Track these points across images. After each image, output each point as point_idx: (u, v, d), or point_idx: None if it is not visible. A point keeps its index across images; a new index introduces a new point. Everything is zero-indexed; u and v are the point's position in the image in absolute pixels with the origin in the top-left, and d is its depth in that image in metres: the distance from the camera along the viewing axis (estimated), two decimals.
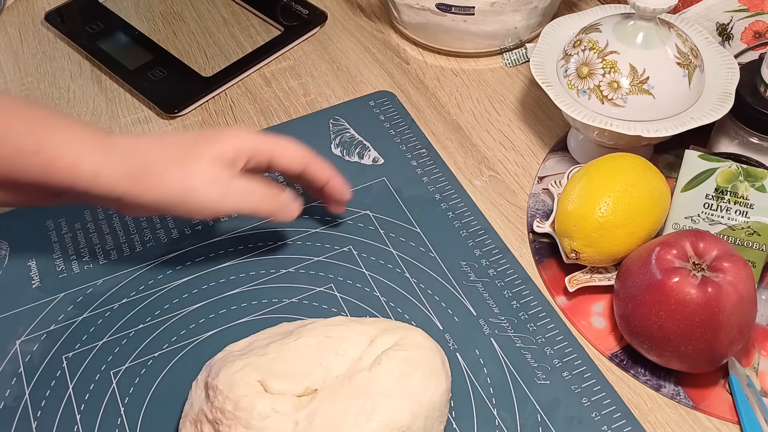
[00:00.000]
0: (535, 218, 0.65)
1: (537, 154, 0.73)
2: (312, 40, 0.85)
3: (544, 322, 0.60)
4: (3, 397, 0.56)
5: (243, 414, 0.48)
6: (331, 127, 0.75)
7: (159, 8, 0.88)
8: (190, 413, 0.52)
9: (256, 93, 0.79)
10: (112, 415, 0.55)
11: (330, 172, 0.61)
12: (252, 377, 0.50)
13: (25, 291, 0.62)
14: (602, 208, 0.58)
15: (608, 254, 0.59)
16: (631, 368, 0.58)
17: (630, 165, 0.60)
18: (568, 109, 0.64)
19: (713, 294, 0.52)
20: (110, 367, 0.58)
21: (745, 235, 0.59)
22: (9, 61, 0.83)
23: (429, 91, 0.79)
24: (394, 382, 0.50)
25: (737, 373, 0.56)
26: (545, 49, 0.69)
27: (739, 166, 0.60)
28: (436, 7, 0.77)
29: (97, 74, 0.81)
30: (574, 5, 0.87)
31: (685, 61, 0.63)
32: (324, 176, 0.61)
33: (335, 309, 0.61)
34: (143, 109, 0.77)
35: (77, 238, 0.66)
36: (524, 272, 0.63)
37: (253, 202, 0.57)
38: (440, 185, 0.70)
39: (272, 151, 0.58)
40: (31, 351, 0.59)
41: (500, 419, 0.55)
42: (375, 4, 0.89)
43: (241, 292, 0.62)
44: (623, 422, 0.55)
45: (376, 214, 0.67)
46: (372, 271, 0.63)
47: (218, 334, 0.59)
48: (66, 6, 0.87)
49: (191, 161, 0.55)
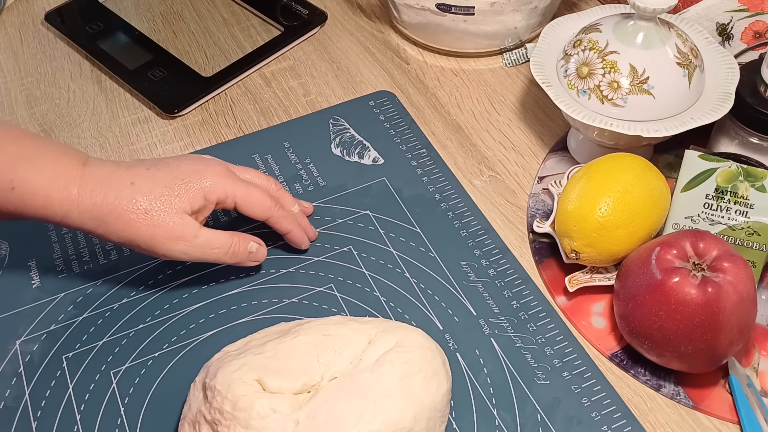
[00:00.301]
0: (535, 218, 0.65)
1: (537, 154, 0.73)
2: (312, 40, 0.85)
3: (544, 322, 0.60)
4: (3, 397, 0.56)
5: (242, 414, 0.48)
6: (331, 127, 0.75)
7: (159, 8, 0.88)
8: (189, 415, 0.52)
9: (256, 93, 0.79)
10: (112, 415, 0.55)
11: (290, 225, 0.63)
12: (250, 376, 0.50)
13: (25, 291, 0.62)
14: (602, 208, 0.58)
15: (608, 254, 0.59)
16: (631, 368, 0.58)
17: (630, 165, 0.60)
18: (568, 109, 0.64)
19: (713, 294, 0.52)
20: (110, 367, 0.58)
21: (745, 235, 0.59)
22: (9, 61, 0.83)
23: (429, 91, 0.79)
24: (397, 383, 0.50)
25: (737, 373, 0.56)
26: (545, 49, 0.69)
27: (739, 166, 0.60)
28: (436, 7, 0.77)
29: (97, 74, 0.81)
30: (574, 5, 0.87)
31: (685, 61, 0.63)
32: (283, 229, 0.62)
33: (335, 309, 0.61)
34: (143, 109, 0.77)
35: (77, 238, 0.66)
36: (524, 272, 0.63)
37: (216, 256, 0.59)
38: (440, 185, 0.70)
39: (237, 201, 0.60)
40: (31, 351, 0.59)
41: (500, 419, 0.55)
42: (375, 4, 0.89)
43: (241, 292, 0.62)
44: (623, 422, 0.55)
45: (376, 214, 0.67)
46: (372, 271, 0.63)
47: (218, 334, 0.59)
48: (66, 6, 0.87)
49: (158, 215, 0.56)
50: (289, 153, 0.73)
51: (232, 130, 0.76)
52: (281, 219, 0.62)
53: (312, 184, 0.70)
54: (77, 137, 0.75)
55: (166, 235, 0.56)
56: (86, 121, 0.76)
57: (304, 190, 0.69)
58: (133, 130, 0.76)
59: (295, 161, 0.72)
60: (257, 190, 0.61)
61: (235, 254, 0.60)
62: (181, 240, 0.57)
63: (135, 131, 0.75)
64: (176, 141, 0.74)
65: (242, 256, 0.60)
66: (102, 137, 0.75)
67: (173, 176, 0.58)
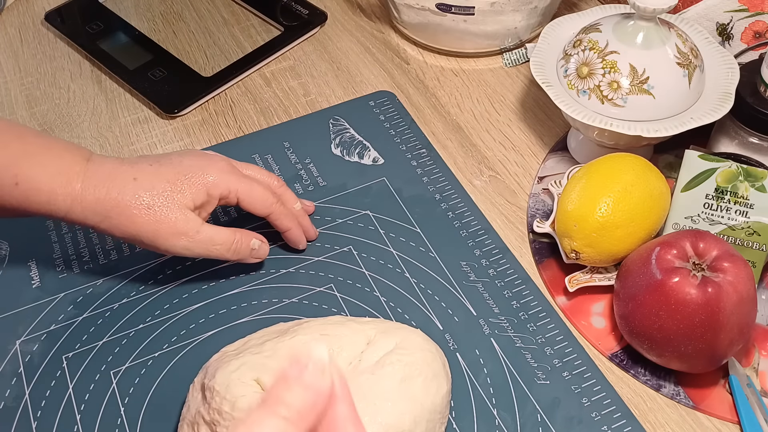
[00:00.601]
0: (535, 218, 0.65)
1: (537, 154, 0.73)
2: (312, 40, 0.85)
3: (544, 322, 0.60)
4: (3, 397, 0.56)
5: (240, 415, 0.48)
6: (331, 127, 0.75)
7: (159, 8, 0.88)
8: (187, 416, 0.52)
9: (256, 93, 0.79)
10: (112, 415, 0.55)
11: (290, 223, 0.62)
12: (248, 376, 0.50)
13: (25, 291, 0.62)
14: (602, 208, 0.58)
15: (608, 254, 0.59)
16: (631, 368, 0.58)
17: (630, 165, 0.60)
18: (568, 109, 0.64)
19: (713, 294, 0.52)
20: (110, 367, 0.58)
21: (745, 235, 0.59)
22: (9, 61, 0.83)
23: (429, 91, 0.79)
24: (397, 385, 0.50)
25: (737, 373, 0.56)
26: (545, 49, 0.69)
27: (739, 166, 0.60)
28: (436, 7, 0.77)
29: (97, 74, 0.81)
30: (574, 5, 0.87)
31: (685, 61, 0.63)
32: (283, 226, 0.62)
33: (335, 309, 0.61)
34: (143, 109, 0.77)
35: (77, 238, 0.66)
36: (524, 272, 0.63)
37: (219, 252, 0.59)
38: (440, 185, 0.70)
39: (240, 196, 0.60)
40: (31, 351, 0.59)
41: (500, 419, 0.55)
42: (375, 4, 0.89)
43: (241, 292, 0.62)
44: (623, 422, 0.55)
45: (376, 214, 0.67)
46: (372, 271, 0.63)
47: (218, 334, 0.59)
48: (66, 6, 0.87)
49: (161, 211, 0.56)
50: (289, 153, 0.73)
51: (232, 130, 0.76)
52: (282, 216, 0.62)
53: (312, 184, 0.70)
54: (77, 137, 0.75)
55: (168, 231, 0.56)
56: (86, 121, 0.76)
57: (304, 190, 0.69)
58: (133, 130, 0.76)
59: (295, 161, 0.72)
60: (259, 186, 0.61)
61: (237, 251, 0.60)
62: (183, 236, 0.57)
63: (135, 131, 0.76)
64: (176, 141, 0.74)
65: (244, 253, 0.60)
66: (102, 137, 0.75)
67: (176, 172, 0.58)
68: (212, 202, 0.59)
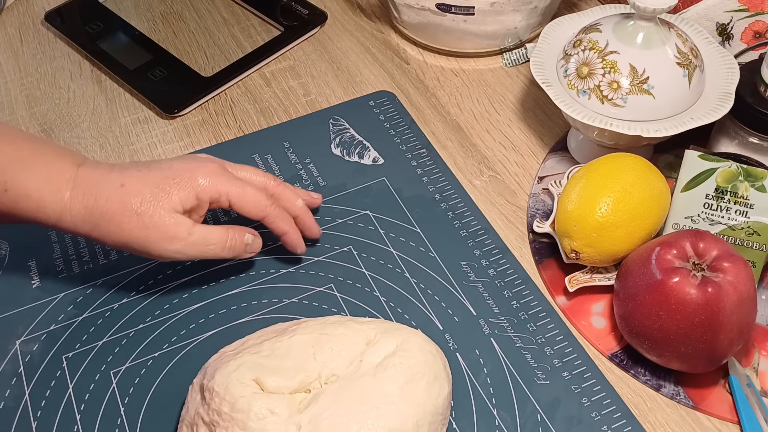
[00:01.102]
0: (535, 218, 0.65)
1: (537, 154, 0.73)
2: (312, 40, 0.85)
3: (544, 322, 0.60)
4: (3, 397, 0.56)
5: (240, 415, 0.48)
6: (331, 127, 0.75)
7: (159, 8, 0.88)
8: (187, 417, 0.52)
9: (256, 93, 0.79)
10: (112, 415, 0.55)
11: (286, 227, 0.61)
12: (247, 376, 0.50)
13: (25, 291, 0.62)
14: (602, 208, 0.58)
15: (608, 254, 0.59)
16: (631, 368, 0.58)
17: (630, 165, 0.60)
18: (568, 109, 0.64)
19: (713, 294, 0.52)
20: (110, 367, 0.58)
21: (745, 235, 0.59)
22: (9, 61, 0.83)
23: (429, 91, 0.79)
24: (399, 388, 0.50)
25: (737, 373, 0.56)
26: (545, 49, 0.69)
27: (739, 166, 0.60)
28: (436, 7, 0.77)
29: (97, 74, 0.81)
30: (574, 5, 0.87)
31: (685, 61, 0.63)
32: (279, 230, 0.61)
33: (335, 309, 0.61)
34: (143, 109, 0.77)
35: (77, 238, 0.66)
36: (524, 272, 0.63)
37: (214, 252, 0.58)
38: (440, 185, 0.70)
39: (231, 199, 0.59)
40: (31, 351, 0.59)
41: (500, 419, 0.55)
42: (375, 4, 0.89)
43: (240, 292, 0.62)
44: (623, 422, 0.55)
45: (376, 214, 0.67)
46: (372, 271, 0.63)
47: (218, 334, 0.59)
48: (66, 6, 0.87)
49: (150, 216, 0.55)
50: (289, 153, 0.73)
51: (232, 130, 0.76)
52: (277, 219, 0.61)
53: (312, 184, 0.70)
54: (77, 137, 0.75)
55: (159, 236, 0.55)
56: (86, 121, 0.76)
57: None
58: (133, 130, 0.76)
59: (295, 161, 0.72)
60: (252, 189, 0.59)
61: (232, 248, 0.59)
62: (175, 240, 0.56)
63: (135, 131, 0.75)
64: (176, 141, 0.74)
65: (239, 249, 0.59)
66: (102, 137, 0.75)
67: (164, 176, 0.57)
68: (203, 206, 0.58)
